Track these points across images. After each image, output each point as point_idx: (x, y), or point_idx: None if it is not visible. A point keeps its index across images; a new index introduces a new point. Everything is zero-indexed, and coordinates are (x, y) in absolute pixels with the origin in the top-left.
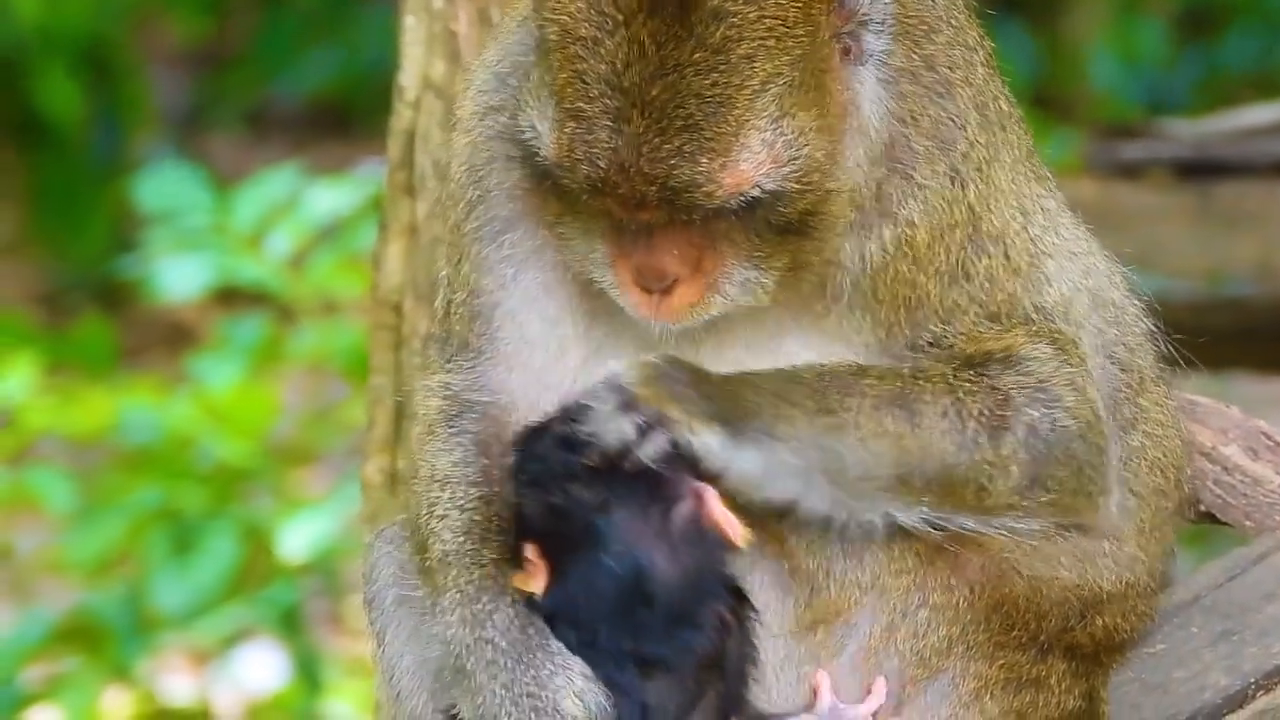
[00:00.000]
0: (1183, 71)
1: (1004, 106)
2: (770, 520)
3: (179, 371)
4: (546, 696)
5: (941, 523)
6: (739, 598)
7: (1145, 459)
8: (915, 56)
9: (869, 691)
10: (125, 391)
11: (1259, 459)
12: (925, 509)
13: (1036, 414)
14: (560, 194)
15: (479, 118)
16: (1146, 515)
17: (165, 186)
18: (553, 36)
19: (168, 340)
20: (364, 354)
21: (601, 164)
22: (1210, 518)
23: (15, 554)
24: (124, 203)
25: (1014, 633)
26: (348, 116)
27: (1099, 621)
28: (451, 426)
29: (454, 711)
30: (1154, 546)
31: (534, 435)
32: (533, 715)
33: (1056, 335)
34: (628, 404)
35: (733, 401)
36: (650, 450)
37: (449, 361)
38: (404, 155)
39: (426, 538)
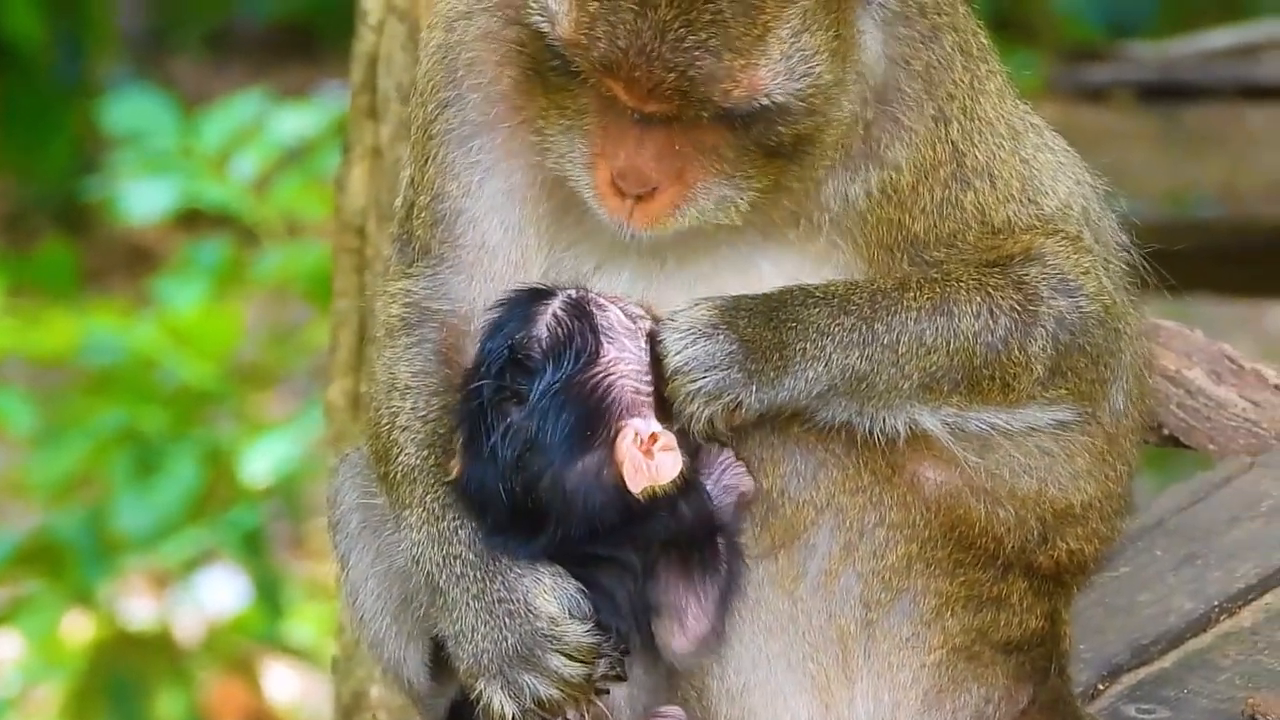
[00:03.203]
0: None
1: (983, 40)
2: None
3: (141, 294)
4: (517, 598)
5: (964, 423)
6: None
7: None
8: (910, 2)
9: None
10: (88, 314)
11: (1222, 383)
12: (951, 410)
13: (1063, 304)
14: (552, 87)
15: (462, 17)
16: (1133, 419)
17: (131, 110)
18: None
19: (129, 263)
20: (327, 277)
21: (621, 44)
22: (1174, 441)
23: None
24: (87, 125)
25: (973, 550)
26: (310, 39)
27: (1060, 544)
28: (411, 335)
29: (437, 633)
30: (1130, 455)
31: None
32: (507, 620)
33: (1064, 232)
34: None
35: (774, 353)
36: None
37: (410, 266)
38: (366, 79)
39: (389, 448)
